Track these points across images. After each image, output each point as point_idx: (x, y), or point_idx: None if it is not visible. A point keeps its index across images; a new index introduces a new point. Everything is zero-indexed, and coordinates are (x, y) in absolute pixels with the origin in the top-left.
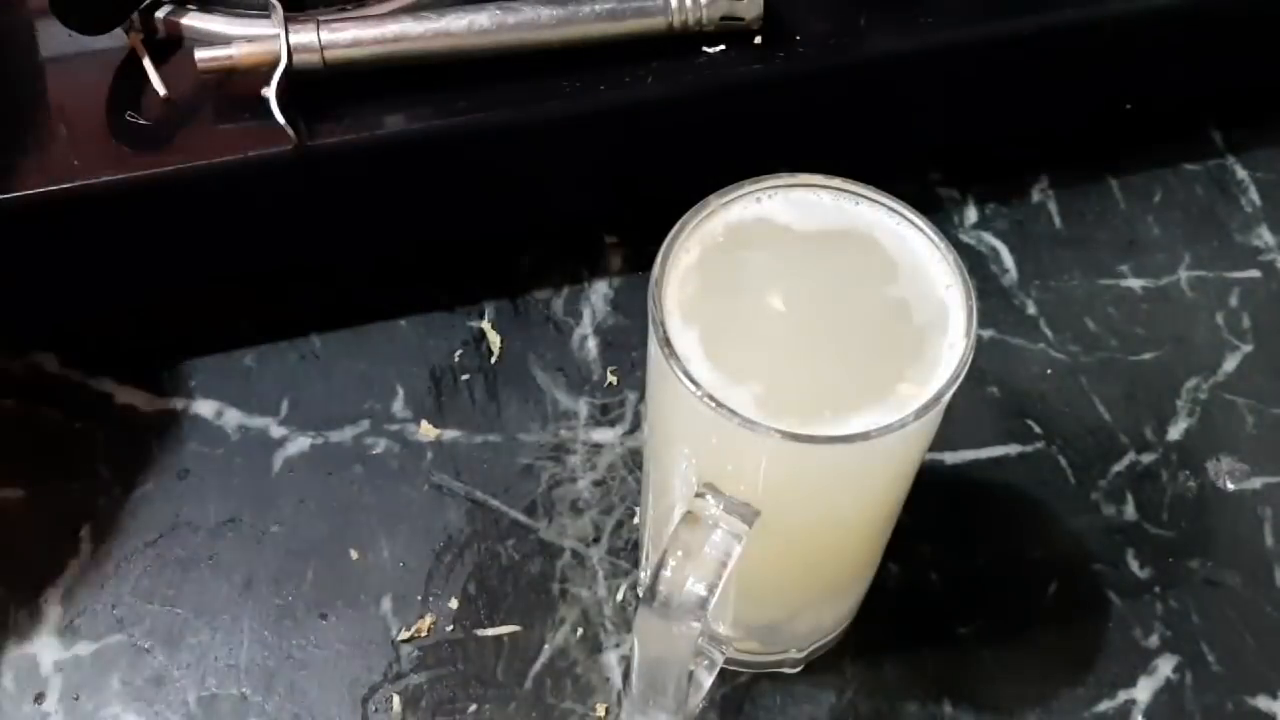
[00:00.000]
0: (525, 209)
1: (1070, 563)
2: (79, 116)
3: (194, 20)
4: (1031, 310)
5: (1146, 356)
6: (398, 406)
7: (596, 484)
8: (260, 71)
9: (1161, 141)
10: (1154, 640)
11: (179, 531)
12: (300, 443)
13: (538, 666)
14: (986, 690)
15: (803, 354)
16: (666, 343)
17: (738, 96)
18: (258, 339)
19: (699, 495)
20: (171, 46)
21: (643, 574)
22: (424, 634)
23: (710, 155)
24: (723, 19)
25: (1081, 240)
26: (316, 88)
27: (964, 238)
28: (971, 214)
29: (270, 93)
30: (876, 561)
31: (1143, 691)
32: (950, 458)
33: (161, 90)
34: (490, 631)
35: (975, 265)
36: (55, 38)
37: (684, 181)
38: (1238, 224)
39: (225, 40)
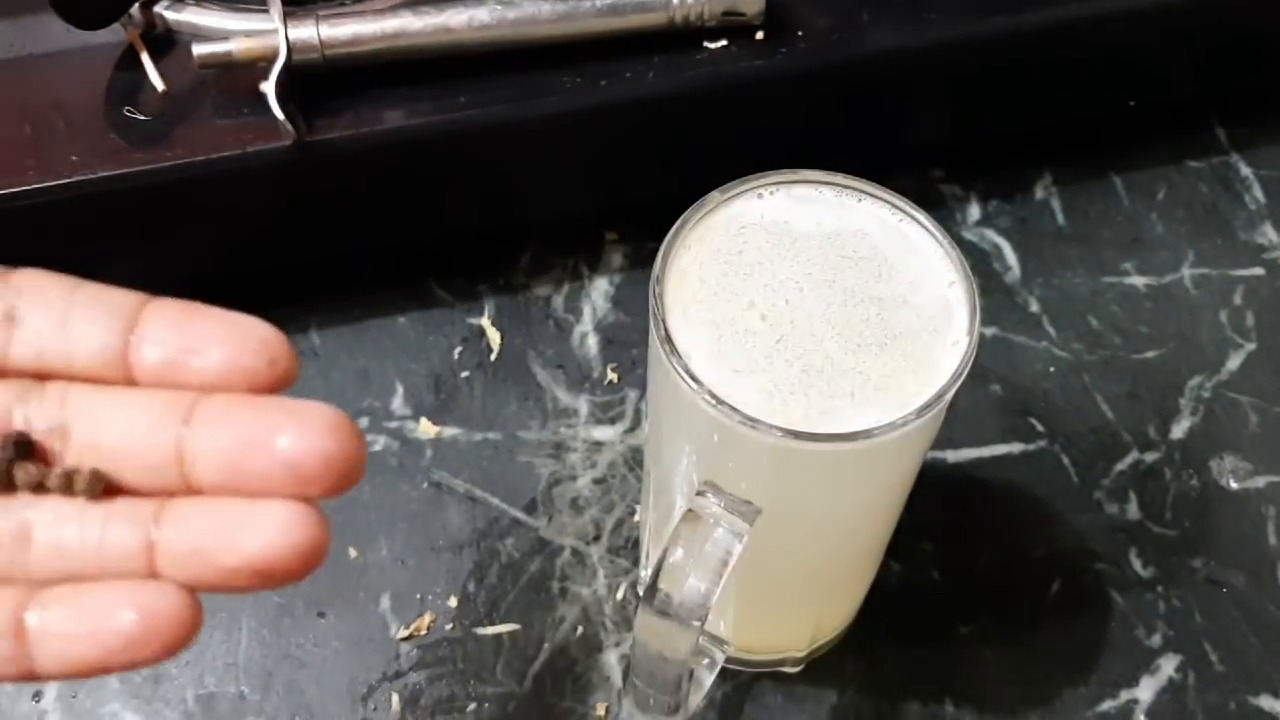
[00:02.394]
0: (525, 205)
1: (1073, 561)
2: (77, 112)
3: (192, 15)
4: (1034, 308)
5: (1150, 354)
6: (397, 404)
7: (597, 482)
8: (259, 66)
9: (1165, 138)
10: (1156, 639)
11: None
12: None
13: (537, 665)
14: (988, 689)
15: (804, 351)
16: (667, 340)
17: (739, 92)
18: None
19: (700, 493)
20: (170, 41)
21: (643, 572)
22: (423, 632)
23: (711, 151)
24: (724, 14)
25: (1085, 237)
26: (316, 83)
27: (967, 235)
28: (974, 211)
29: (269, 88)
30: (878, 560)
31: (1145, 691)
32: (952, 456)
33: (160, 85)
34: (489, 630)
35: (978, 262)
36: (53, 33)
37: (685, 178)
38: (1242, 222)
39: (224, 35)
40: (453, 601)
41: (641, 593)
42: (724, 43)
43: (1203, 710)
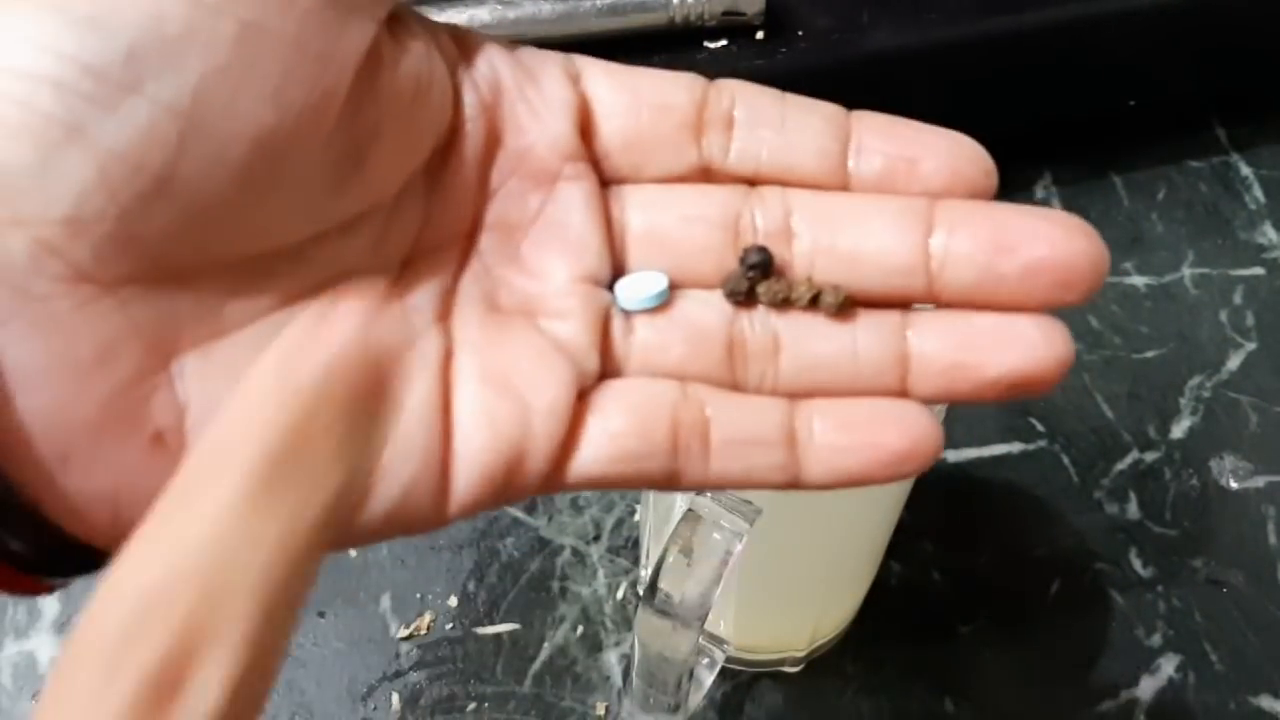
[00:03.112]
0: None
1: (1072, 561)
2: None
3: None
4: None
5: (1150, 354)
6: None
7: None
8: None
9: (1165, 138)
10: (1156, 639)
11: None
12: None
13: (537, 665)
14: (988, 689)
15: None
16: None
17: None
18: None
19: (700, 493)
20: None
21: (643, 572)
22: (423, 632)
23: None
24: (724, 13)
25: None
26: None
27: None
28: None
29: None
30: (878, 560)
31: (1145, 691)
32: (952, 455)
33: None
34: (490, 629)
35: None
36: None
37: None
38: (1242, 221)
39: None
40: (453, 601)
41: (641, 592)
42: (724, 43)
43: (1203, 710)
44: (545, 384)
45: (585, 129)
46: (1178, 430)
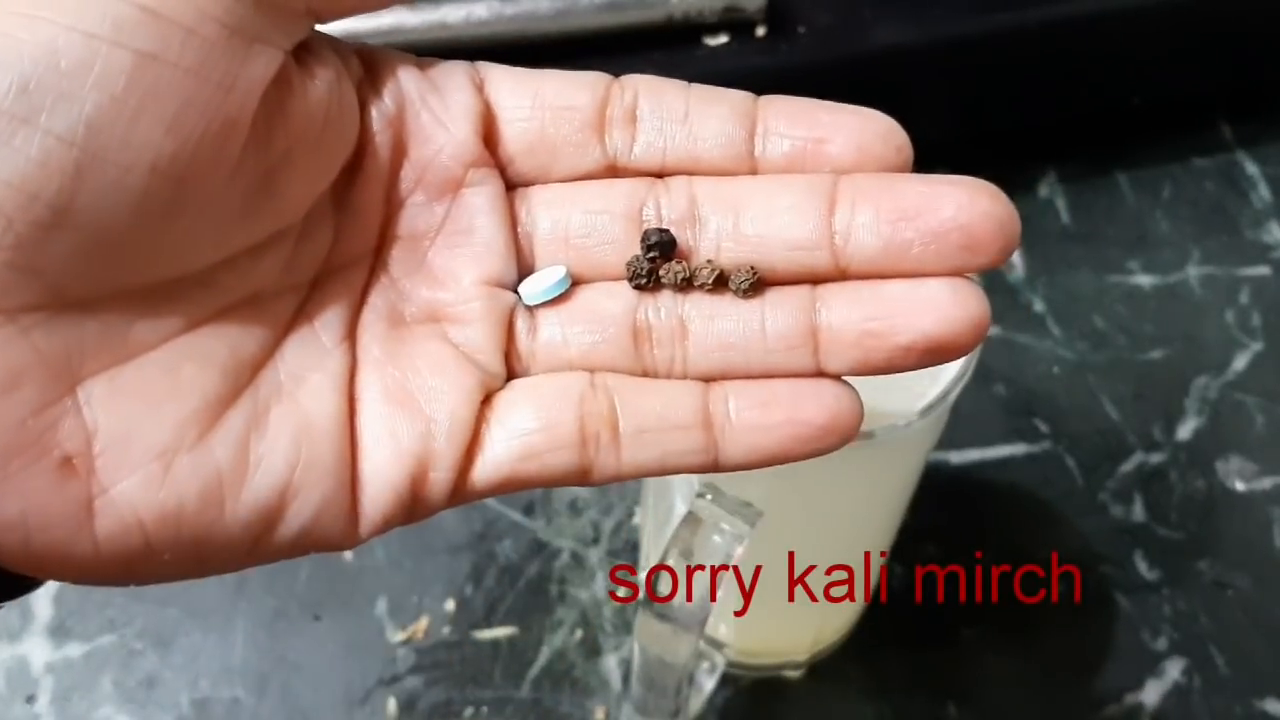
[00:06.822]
0: None
1: (1077, 564)
2: None
3: None
4: (1039, 307)
5: (1155, 355)
6: None
7: None
8: None
9: (1170, 136)
10: (1162, 642)
11: None
12: None
13: (536, 669)
14: (991, 693)
15: None
16: None
17: (740, 89)
18: None
19: (700, 495)
20: None
21: (643, 575)
22: (420, 636)
23: None
24: (725, 10)
25: (1090, 236)
26: None
27: None
28: None
29: None
30: (881, 562)
31: (1150, 694)
32: (956, 457)
33: None
34: (487, 633)
35: None
36: None
37: None
38: (1248, 220)
39: None
40: (450, 604)
41: (641, 596)
42: (724, 39)
43: (1209, 714)
44: (445, 394)
45: (489, 134)
46: (1183, 431)
